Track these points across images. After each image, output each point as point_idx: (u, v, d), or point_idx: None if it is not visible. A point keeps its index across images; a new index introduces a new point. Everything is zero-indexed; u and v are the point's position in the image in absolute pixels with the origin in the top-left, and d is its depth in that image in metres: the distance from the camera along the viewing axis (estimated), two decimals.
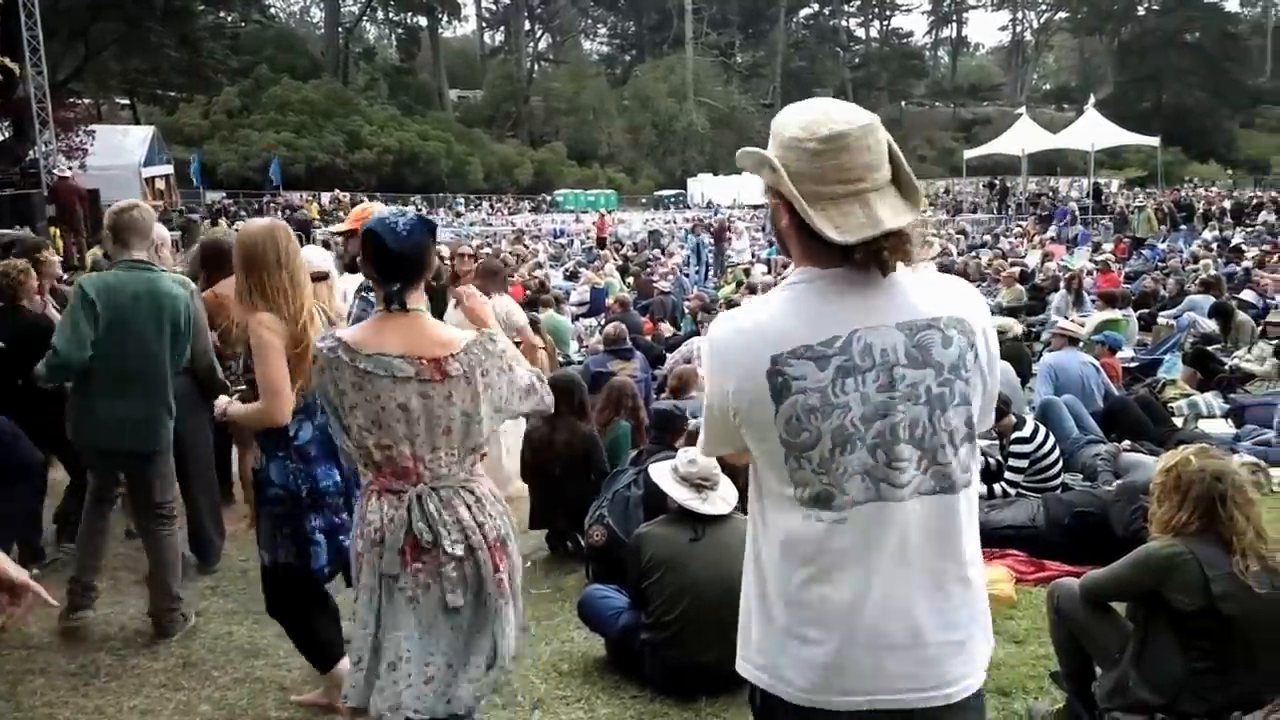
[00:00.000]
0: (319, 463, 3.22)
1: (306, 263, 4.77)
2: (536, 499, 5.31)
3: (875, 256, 1.58)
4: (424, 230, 2.52)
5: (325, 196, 38.69)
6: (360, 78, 63.00)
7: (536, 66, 73.63)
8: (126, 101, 45.37)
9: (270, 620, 4.13)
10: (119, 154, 27.82)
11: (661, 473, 3.91)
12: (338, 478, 3.25)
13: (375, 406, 2.43)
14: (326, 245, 5.75)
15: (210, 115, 49.64)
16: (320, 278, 4.50)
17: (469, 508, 2.52)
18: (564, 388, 5.40)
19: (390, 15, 70.49)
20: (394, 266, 2.47)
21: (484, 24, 78.27)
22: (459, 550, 2.47)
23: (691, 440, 5.19)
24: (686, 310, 13.66)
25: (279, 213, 33.31)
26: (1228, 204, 29.57)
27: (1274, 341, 8.80)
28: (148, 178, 29.98)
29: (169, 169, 34.35)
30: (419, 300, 2.56)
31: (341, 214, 34.00)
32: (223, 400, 3.32)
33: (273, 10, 66.89)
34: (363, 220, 4.06)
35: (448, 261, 7.05)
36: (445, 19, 71.00)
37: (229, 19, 49.85)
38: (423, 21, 68.93)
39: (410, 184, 48.15)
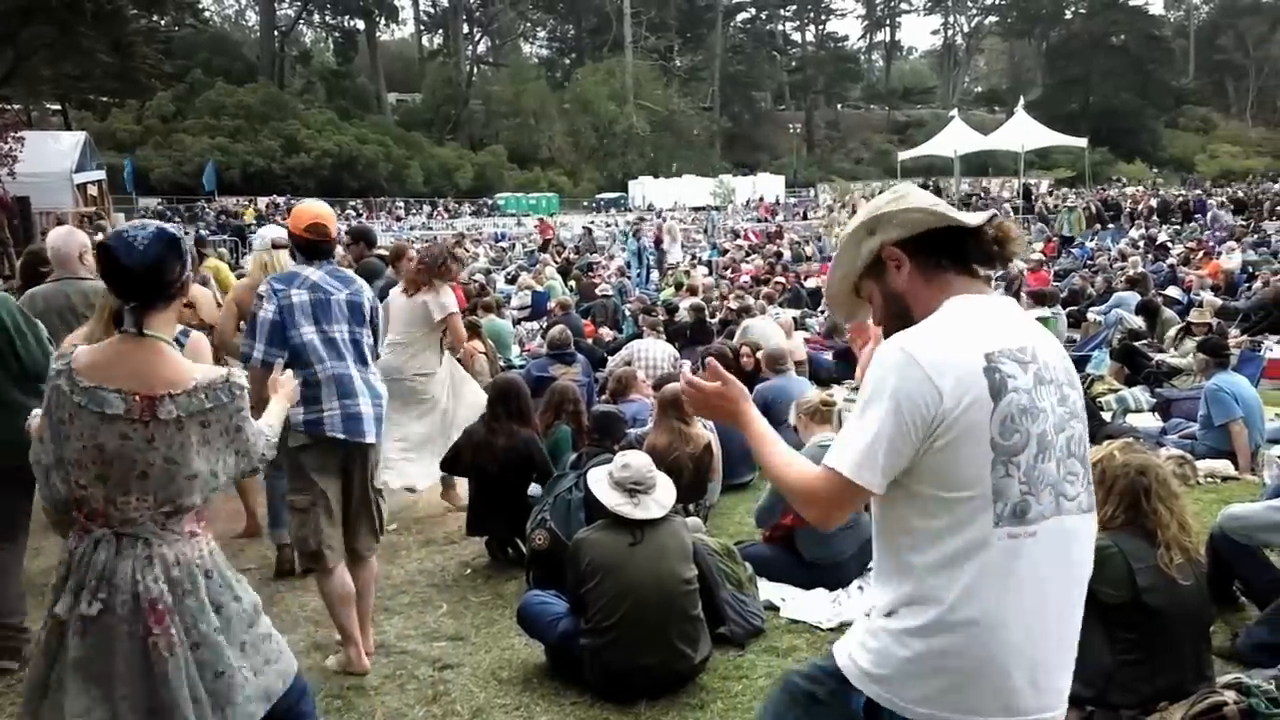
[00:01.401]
0: None
1: (266, 233, 4.79)
2: (473, 502, 5.25)
3: (987, 255, 1.74)
4: (162, 244, 2.25)
5: (262, 201, 38.00)
6: (297, 81, 62.10)
7: (476, 69, 73.03)
8: (57, 107, 43.92)
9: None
10: (49, 160, 26.96)
11: (597, 478, 3.90)
12: None
13: (78, 444, 2.21)
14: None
15: (143, 120, 48.56)
16: (281, 245, 4.52)
17: (136, 562, 2.23)
18: (505, 391, 5.37)
19: (327, 18, 69.55)
20: (128, 284, 2.24)
21: (422, 27, 77.54)
22: (93, 610, 2.20)
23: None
24: (628, 313, 13.66)
25: (217, 218, 32.72)
26: (1154, 203, 30.43)
27: (1198, 337, 9.07)
28: (79, 184, 29.07)
29: (101, 175, 33.33)
30: (166, 326, 2.33)
31: (279, 219, 33.43)
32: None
33: (207, 14, 65.49)
34: (292, 216, 4.01)
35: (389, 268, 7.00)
36: (383, 22, 70.38)
37: (162, 23, 48.54)
38: (360, 24, 68.17)
39: (349, 188, 47.55)
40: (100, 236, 2.62)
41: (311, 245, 3.88)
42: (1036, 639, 1.63)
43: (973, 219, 1.72)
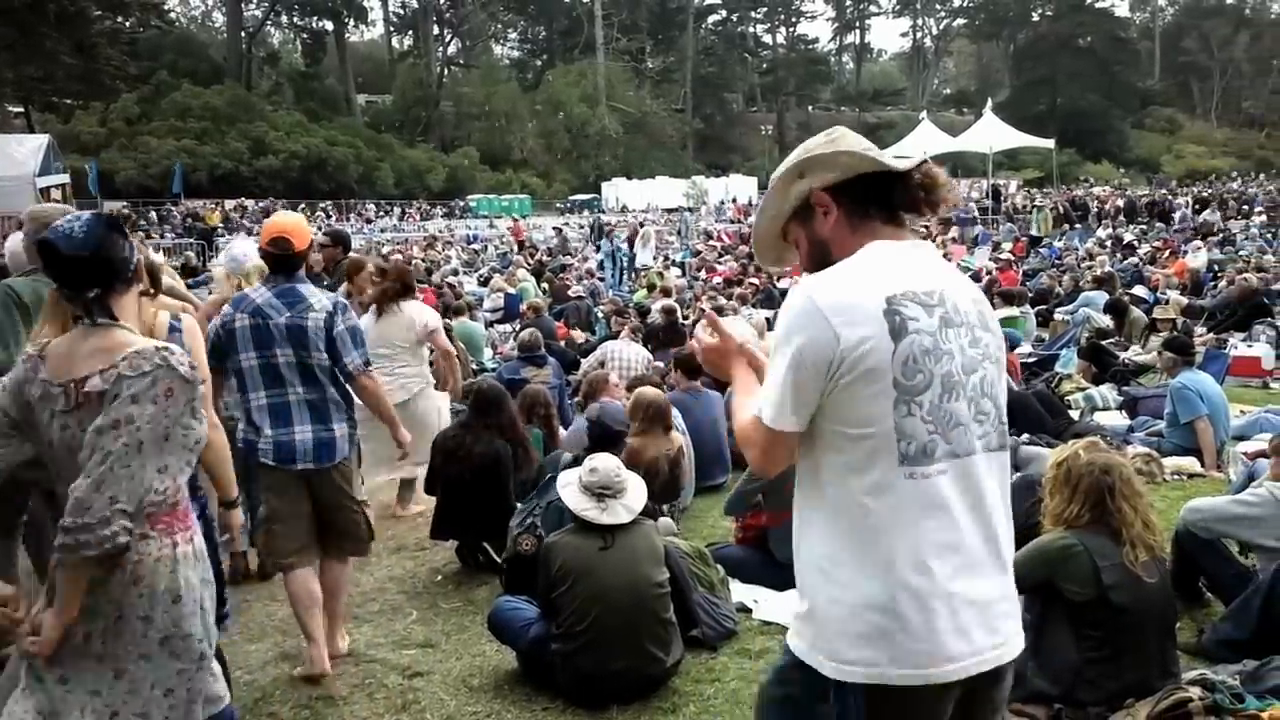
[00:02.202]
0: None
1: (242, 256, 4.71)
2: (442, 508, 5.19)
3: (915, 202, 1.74)
4: (101, 226, 2.18)
5: (230, 204, 37.61)
6: (264, 83, 61.50)
7: (447, 71, 72.69)
8: (20, 109, 43.26)
9: None
10: (11, 164, 26.52)
11: (566, 482, 3.88)
12: None
13: (39, 441, 2.13)
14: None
15: (108, 123, 47.72)
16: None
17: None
18: (487, 401, 5.31)
19: (294, 19, 68.77)
20: (77, 273, 2.15)
21: (391, 28, 76.94)
22: (34, 609, 2.11)
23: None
24: (600, 315, 13.63)
25: (183, 221, 32.32)
26: (1120, 203, 30.80)
27: (1164, 334, 9.18)
28: (42, 188, 28.62)
29: (65, 178, 32.79)
30: (129, 313, 2.23)
31: (246, 221, 33.11)
32: None
33: (172, 15, 64.52)
34: (265, 234, 3.92)
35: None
36: (352, 23, 69.87)
37: (126, 24, 47.94)
38: (328, 26, 67.51)
39: (319, 190, 47.10)
40: None
41: (274, 259, 3.82)
42: (960, 578, 1.62)
43: (901, 164, 1.73)
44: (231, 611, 4.06)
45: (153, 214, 34.19)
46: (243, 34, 63.09)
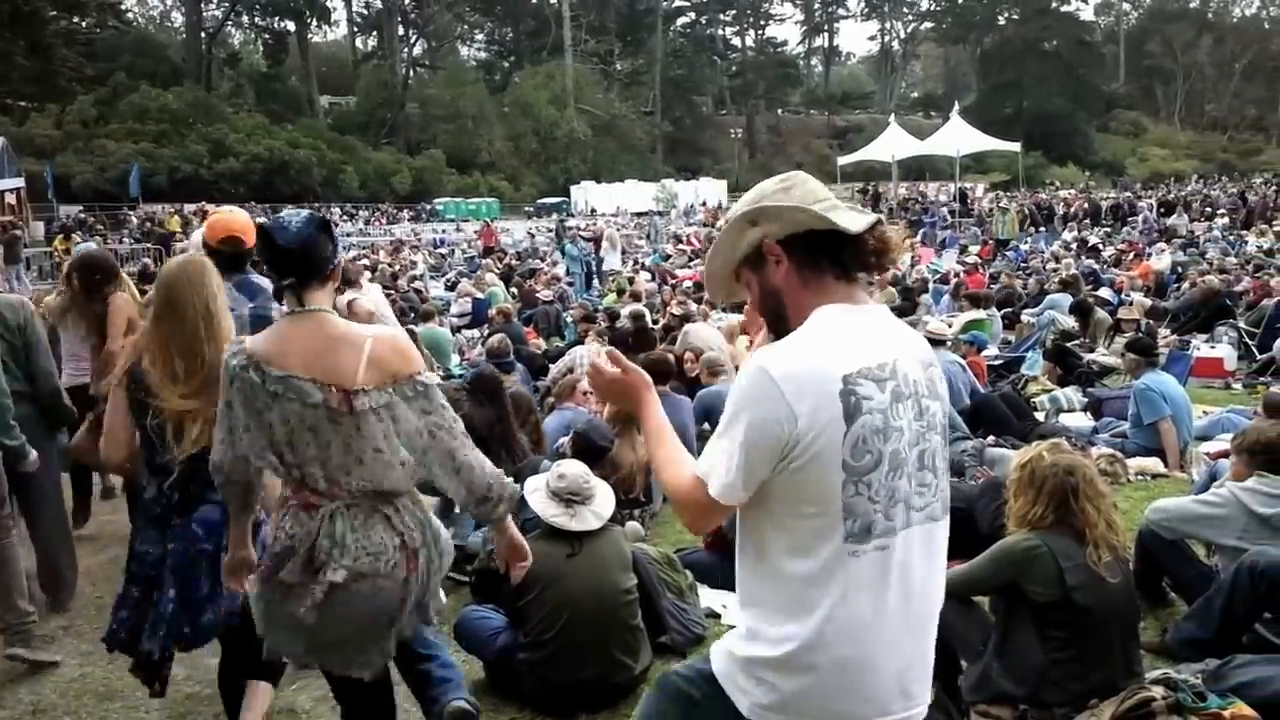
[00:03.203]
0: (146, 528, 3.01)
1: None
2: None
3: (864, 259, 1.72)
4: (314, 226, 2.45)
5: (189, 208, 37.03)
6: (225, 84, 60.69)
7: (412, 72, 72.27)
8: None
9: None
10: None
11: (534, 487, 3.85)
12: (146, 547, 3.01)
13: (287, 428, 2.33)
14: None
15: (64, 125, 46.91)
16: None
17: (388, 520, 2.42)
18: (483, 378, 5.34)
19: (256, 19, 67.92)
20: (284, 262, 2.41)
21: (355, 28, 76.36)
22: (339, 577, 2.34)
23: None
24: (569, 320, 13.59)
25: (140, 226, 31.83)
26: (1086, 205, 31.23)
27: (1128, 335, 9.30)
28: None
29: (19, 182, 32.34)
30: (322, 302, 2.45)
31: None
32: None
33: (130, 15, 63.68)
34: (207, 226, 3.91)
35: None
36: (314, 23, 69.07)
37: (82, 24, 47.32)
38: (290, 26, 66.83)
39: (281, 193, 46.39)
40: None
41: (224, 257, 3.80)
42: (895, 649, 1.67)
43: (854, 225, 1.68)
44: None
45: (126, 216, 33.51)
46: (202, 34, 62.34)
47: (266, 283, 3.90)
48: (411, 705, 3.51)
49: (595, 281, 21.09)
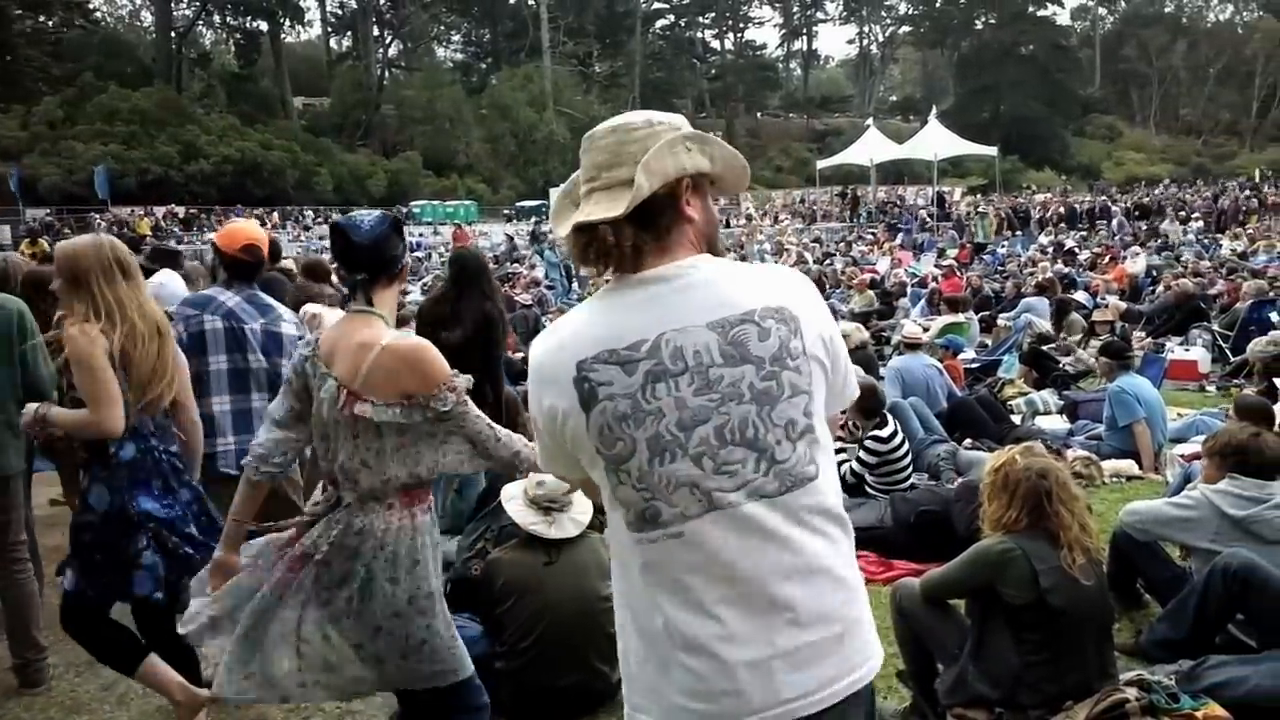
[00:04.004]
0: (140, 486, 3.04)
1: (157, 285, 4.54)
2: None
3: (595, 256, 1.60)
4: (387, 225, 2.56)
5: (159, 210, 36.63)
6: (195, 85, 59.97)
7: (387, 73, 71.88)
8: None
9: (93, 672, 3.85)
10: None
11: (511, 495, 3.82)
12: (164, 505, 3.05)
13: (322, 422, 2.50)
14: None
15: (29, 126, 46.20)
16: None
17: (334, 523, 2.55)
18: (466, 262, 5.34)
19: (227, 19, 67.05)
20: (356, 258, 2.52)
21: (329, 29, 75.68)
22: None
23: None
24: (548, 324, 13.55)
25: (110, 230, 31.45)
26: (1062, 209, 31.52)
27: (1102, 337, 9.37)
28: None
29: None
30: (387, 303, 2.57)
31: (177, 229, 32.30)
32: (31, 407, 3.08)
33: (97, 15, 62.87)
34: (220, 235, 3.87)
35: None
36: (287, 23, 68.48)
37: (49, 24, 46.76)
38: (263, 26, 66.01)
39: (253, 196, 45.97)
40: None
41: (246, 266, 3.79)
42: (734, 641, 1.52)
43: (560, 230, 1.65)
44: None
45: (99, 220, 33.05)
46: (172, 34, 61.41)
47: (274, 301, 3.91)
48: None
49: (575, 285, 21.05)
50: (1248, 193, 35.41)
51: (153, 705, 3.70)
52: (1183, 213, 29.70)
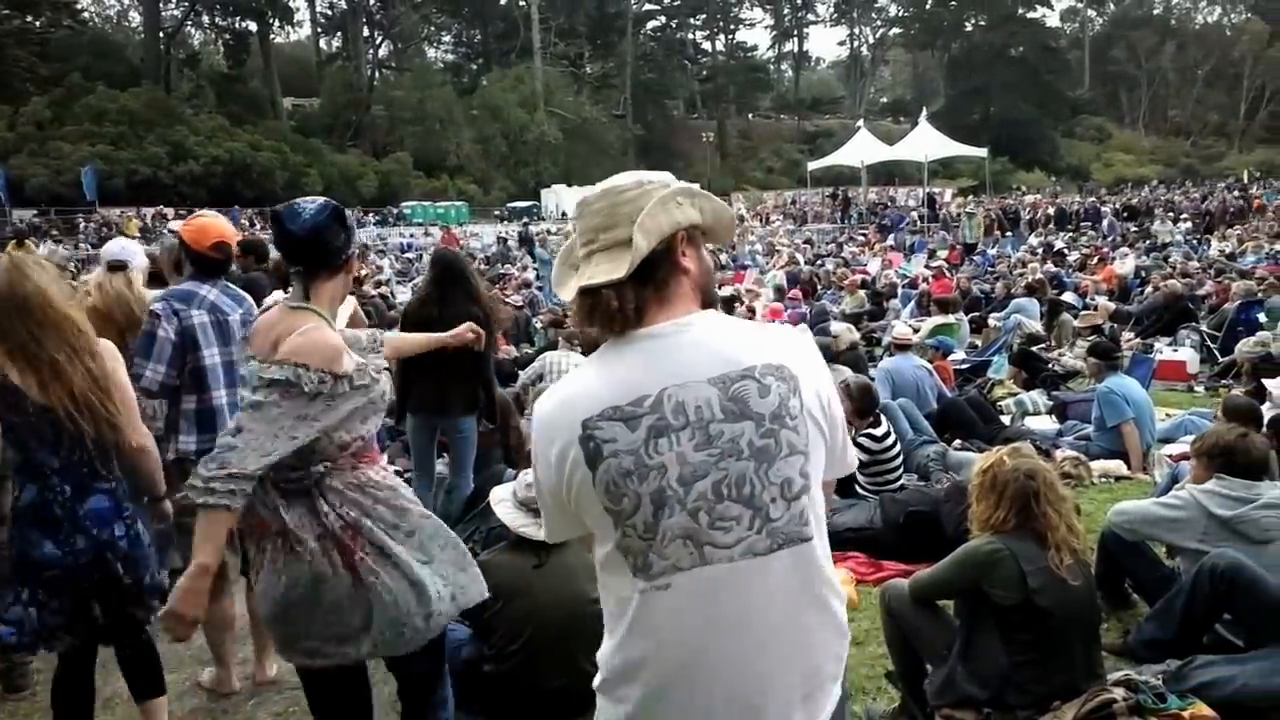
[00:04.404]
0: (38, 531, 2.92)
1: (105, 252, 4.48)
2: (413, 386, 5.01)
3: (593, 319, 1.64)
4: (327, 214, 2.45)
5: (148, 212, 36.47)
6: (184, 85, 59.64)
7: (378, 74, 71.69)
8: None
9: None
10: None
11: (500, 497, 3.81)
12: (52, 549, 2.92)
13: None
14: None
15: (17, 127, 45.83)
16: (117, 267, 4.27)
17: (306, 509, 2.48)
18: (449, 263, 5.24)
19: (216, 20, 66.66)
20: (292, 248, 2.44)
21: (319, 29, 75.34)
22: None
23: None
24: (539, 326, 13.53)
25: (98, 230, 31.30)
26: (1051, 210, 31.63)
27: (1089, 339, 9.40)
28: None
29: None
30: (329, 299, 2.47)
31: (164, 230, 32.11)
32: None
33: (85, 15, 62.49)
34: (186, 228, 3.84)
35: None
36: (277, 24, 68.20)
37: (36, 24, 46.45)
38: (252, 26, 65.69)
39: (243, 197, 45.68)
40: None
41: (215, 263, 3.76)
42: (716, 692, 1.57)
43: (565, 294, 1.68)
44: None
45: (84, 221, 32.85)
46: (161, 35, 61.02)
47: (243, 293, 3.91)
48: None
49: None
50: (1236, 194, 35.61)
51: (137, 711, 3.68)
52: (1171, 214, 29.85)
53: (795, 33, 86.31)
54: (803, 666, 1.61)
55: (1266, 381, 7.02)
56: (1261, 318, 10.40)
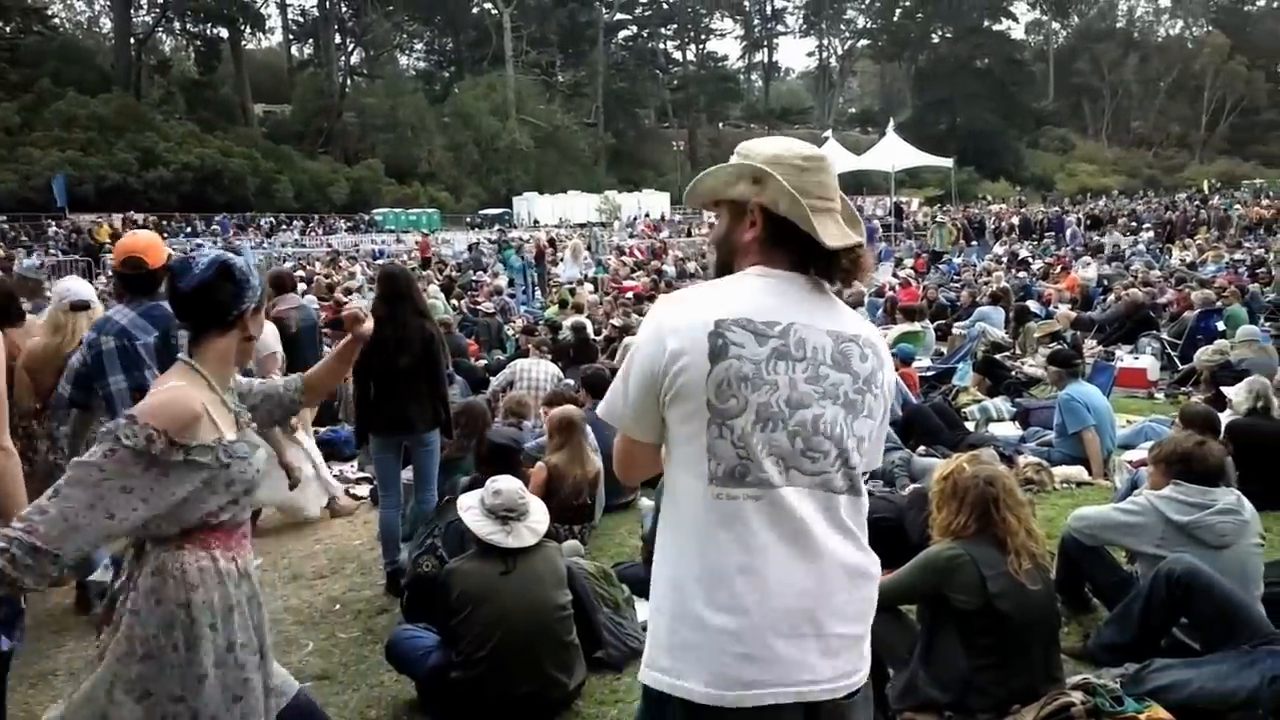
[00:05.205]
0: None
1: (65, 291, 4.46)
2: (373, 404, 4.93)
3: (831, 269, 1.76)
4: (214, 270, 2.26)
5: (118, 218, 36.06)
6: (155, 92, 59.01)
7: (350, 81, 71.28)
8: None
9: (46, 685, 3.82)
10: None
11: (468, 504, 3.82)
12: None
13: None
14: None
15: None
16: (80, 307, 4.26)
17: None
18: (394, 277, 5.14)
19: (188, 26, 66.09)
20: (179, 305, 2.31)
21: (291, 36, 75.04)
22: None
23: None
24: (510, 333, 13.53)
25: (68, 236, 30.91)
26: (1016, 220, 32.02)
27: (1050, 346, 9.53)
28: None
29: None
30: (218, 357, 2.29)
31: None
32: None
33: (56, 20, 61.79)
34: (118, 253, 3.83)
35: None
36: (248, 30, 67.70)
37: (6, 29, 45.81)
38: (224, 33, 65.21)
39: (214, 203, 45.41)
40: None
41: (129, 280, 3.74)
42: (766, 606, 1.63)
43: (832, 240, 1.71)
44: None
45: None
46: (132, 41, 60.40)
47: (171, 314, 3.80)
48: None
49: (538, 293, 21.04)
50: (1197, 204, 36.21)
51: None
52: (1133, 223, 30.31)
53: (765, 43, 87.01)
54: (857, 604, 1.72)
55: (1225, 389, 7.14)
56: (1221, 326, 10.60)
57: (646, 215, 46.48)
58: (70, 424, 4.07)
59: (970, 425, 7.96)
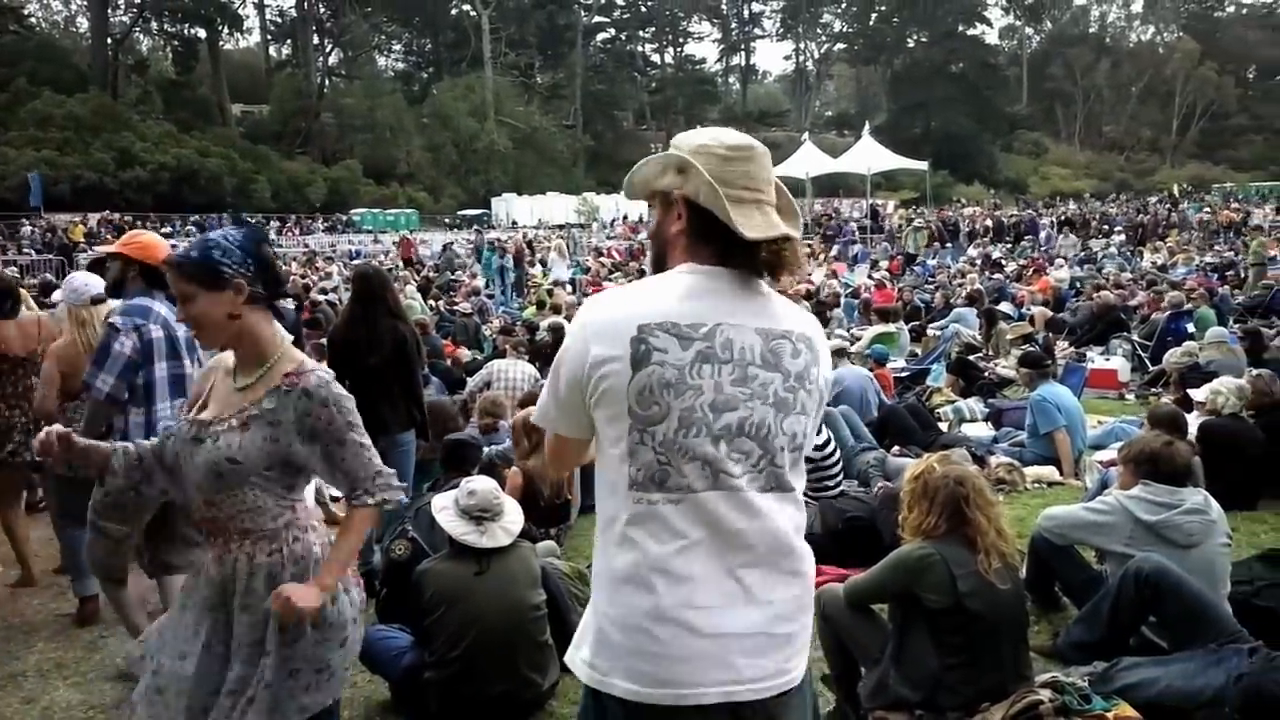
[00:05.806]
0: None
1: (84, 286, 4.43)
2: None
3: (754, 262, 1.73)
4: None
5: (94, 218, 35.72)
6: (132, 91, 58.36)
7: (328, 81, 70.85)
8: None
9: (15, 685, 3.80)
10: None
11: (442, 505, 3.81)
12: None
13: None
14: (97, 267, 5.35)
15: None
16: (100, 301, 4.27)
17: None
18: (368, 278, 5.14)
19: (165, 26, 65.50)
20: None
21: (269, 36, 74.42)
22: None
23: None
24: (488, 333, 13.49)
25: (43, 235, 30.53)
26: (990, 223, 32.27)
27: (1022, 348, 9.62)
28: None
29: None
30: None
31: (110, 236, 31.48)
32: None
33: (32, 20, 61.08)
34: (130, 246, 3.83)
35: None
36: (226, 30, 67.17)
37: None
38: (201, 33, 64.58)
39: (190, 203, 44.94)
40: None
41: (157, 275, 3.78)
42: (709, 616, 1.64)
43: (751, 232, 1.67)
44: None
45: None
46: (109, 40, 59.83)
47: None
48: None
49: (516, 293, 20.99)
50: (1168, 207, 36.63)
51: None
52: (1105, 226, 30.62)
53: (742, 46, 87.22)
54: (784, 604, 1.71)
55: (1191, 391, 7.23)
56: (1190, 328, 10.73)
57: (625, 217, 46.41)
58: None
59: (944, 426, 8.04)
